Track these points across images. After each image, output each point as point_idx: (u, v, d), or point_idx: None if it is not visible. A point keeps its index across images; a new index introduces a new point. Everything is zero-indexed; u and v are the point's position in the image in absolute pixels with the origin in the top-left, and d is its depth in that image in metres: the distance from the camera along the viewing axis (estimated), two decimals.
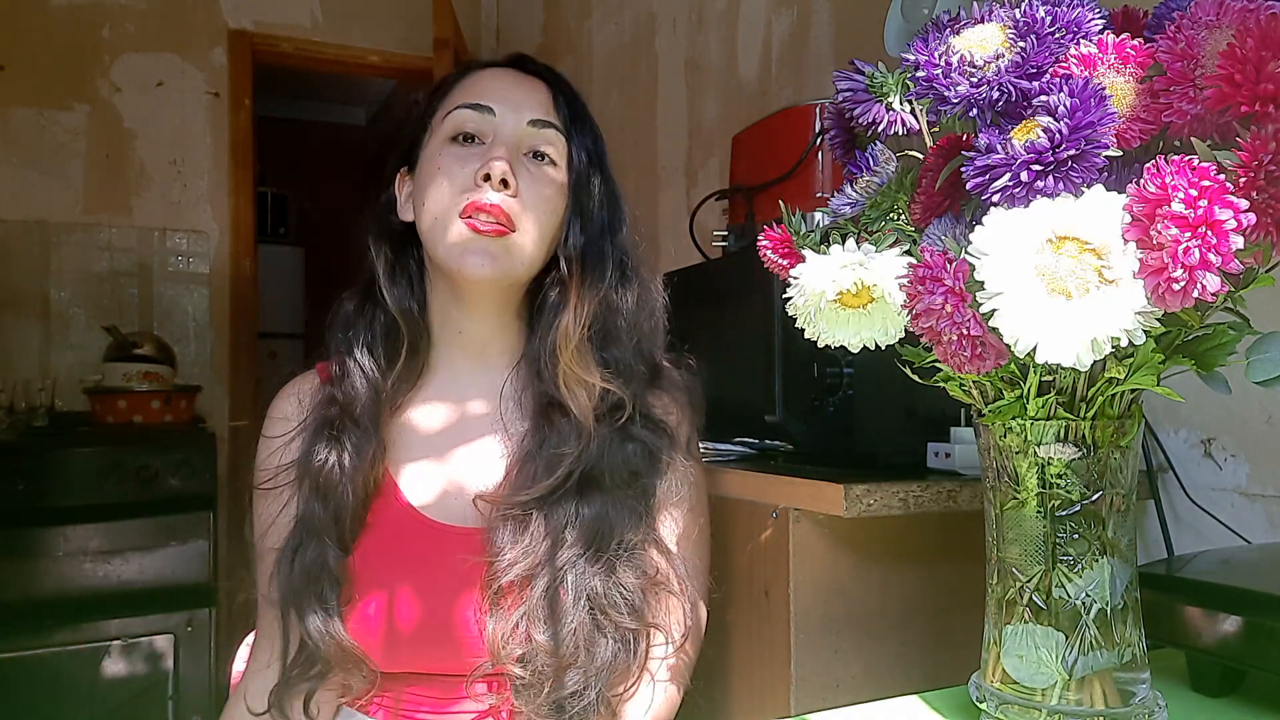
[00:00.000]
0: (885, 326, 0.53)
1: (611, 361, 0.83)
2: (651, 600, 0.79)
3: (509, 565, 0.75)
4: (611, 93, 2.54)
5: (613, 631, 0.75)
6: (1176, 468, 0.99)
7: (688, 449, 0.87)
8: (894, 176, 0.55)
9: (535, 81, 0.86)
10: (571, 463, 0.78)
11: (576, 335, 0.80)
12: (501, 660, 0.73)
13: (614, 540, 0.77)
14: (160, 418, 2.52)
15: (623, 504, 0.79)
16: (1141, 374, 0.47)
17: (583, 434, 0.80)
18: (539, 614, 0.74)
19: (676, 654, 0.82)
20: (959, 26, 0.51)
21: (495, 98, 0.83)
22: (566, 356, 0.80)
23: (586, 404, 0.80)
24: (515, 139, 0.82)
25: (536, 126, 0.82)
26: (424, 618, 0.77)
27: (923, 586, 0.94)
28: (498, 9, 3.48)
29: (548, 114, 0.83)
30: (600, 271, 0.83)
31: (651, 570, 0.79)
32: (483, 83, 0.85)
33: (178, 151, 3.03)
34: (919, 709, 0.62)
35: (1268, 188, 0.38)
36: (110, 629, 2.14)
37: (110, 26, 2.94)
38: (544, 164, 0.83)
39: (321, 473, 0.79)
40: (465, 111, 0.82)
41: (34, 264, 2.85)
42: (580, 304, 0.81)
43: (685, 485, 0.85)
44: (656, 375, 0.88)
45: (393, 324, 0.85)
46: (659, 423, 0.85)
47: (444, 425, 0.86)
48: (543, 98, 0.84)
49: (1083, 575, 0.50)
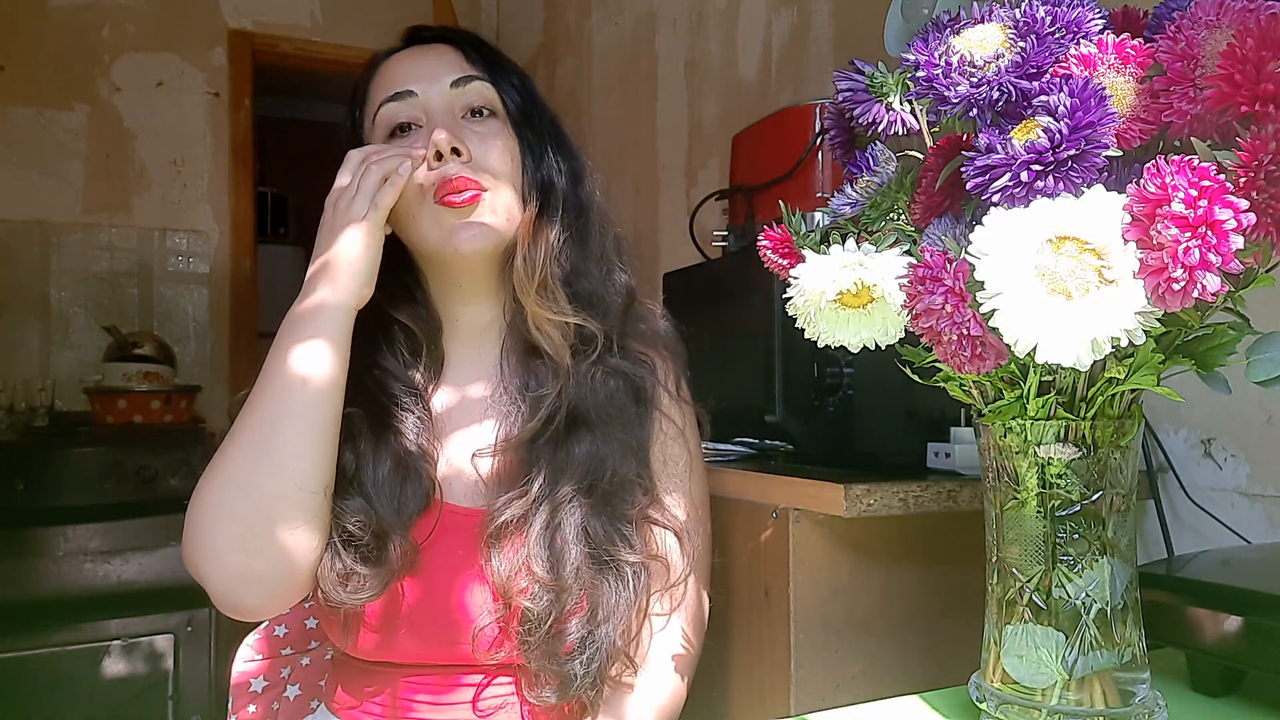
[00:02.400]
0: (885, 326, 0.53)
1: (583, 294, 0.84)
2: (648, 538, 0.80)
3: (504, 505, 0.76)
4: (611, 93, 2.54)
5: (612, 567, 0.76)
6: (1176, 468, 0.99)
7: (677, 390, 0.89)
8: (894, 176, 0.55)
9: (440, 47, 0.86)
10: (552, 402, 0.80)
11: (537, 275, 0.80)
12: (511, 597, 0.74)
13: (606, 475, 0.79)
14: (160, 418, 2.52)
15: (613, 439, 0.81)
16: (1141, 374, 0.47)
17: (559, 373, 0.81)
18: (539, 552, 0.75)
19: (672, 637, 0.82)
20: (959, 26, 0.51)
21: (409, 78, 0.83)
22: (530, 300, 0.80)
23: (560, 342, 0.81)
24: (446, 107, 0.82)
25: (459, 85, 0.82)
26: (426, 605, 0.76)
27: (923, 586, 0.94)
28: (498, 9, 3.48)
29: (464, 70, 0.83)
30: (555, 203, 0.83)
31: (645, 504, 0.80)
32: (392, 70, 0.85)
33: (178, 151, 3.03)
34: (919, 709, 0.62)
35: (1268, 188, 0.38)
36: (110, 629, 2.13)
37: (110, 26, 2.94)
38: (484, 118, 0.83)
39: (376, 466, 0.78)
40: (390, 105, 0.82)
41: (34, 264, 2.85)
42: (535, 240, 0.81)
43: (673, 426, 0.86)
44: (631, 304, 0.89)
45: (404, 329, 0.86)
46: (639, 356, 0.86)
47: (454, 412, 0.86)
48: (453, 58, 0.84)
49: (1083, 575, 0.50)
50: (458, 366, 0.88)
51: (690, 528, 0.83)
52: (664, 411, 0.86)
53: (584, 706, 0.77)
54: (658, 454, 0.85)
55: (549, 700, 0.75)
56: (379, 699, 0.80)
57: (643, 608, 0.78)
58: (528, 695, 0.76)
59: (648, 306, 0.91)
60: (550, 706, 0.76)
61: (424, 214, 0.80)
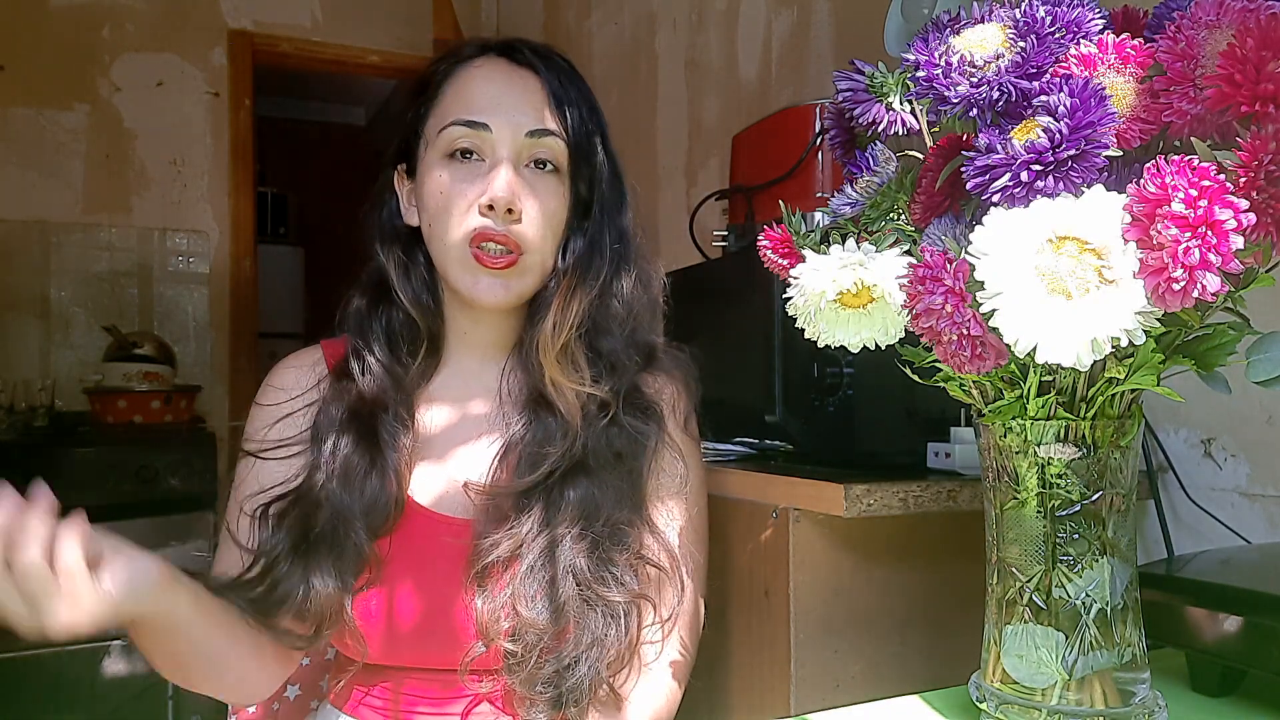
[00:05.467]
0: (885, 326, 0.53)
1: (604, 353, 0.83)
2: (642, 578, 0.80)
3: (491, 545, 0.76)
4: (611, 93, 2.54)
5: (601, 606, 0.76)
6: (1176, 468, 0.99)
7: (685, 426, 0.88)
8: (894, 176, 0.55)
9: (529, 78, 0.81)
10: (555, 460, 0.79)
11: (560, 341, 0.80)
12: (491, 637, 0.74)
13: (600, 519, 0.78)
14: (160, 418, 2.52)
15: (609, 484, 0.80)
16: (1141, 374, 0.47)
17: (569, 433, 0.80)
18: (526, 591, 0.74)
19: (667, 642, 0.82)
20: (959, 26, 0.51)
21: (489, 109, 0.79)
22: (550, 363, 0.80)
23: (574, 403, 0.80)
24: (515, 154, 0.79)
25: (534, 137, 0.79)
26: (421, 609, 0.77)
27: (923, 586, 0.94)
28: (498, 9, 3.48)
29: (543, 120, 0.80)
30: (595, 270, 0.82)
31: (638, 547, 0.80)
32: (474, 87, 0.81)
33: (178, 151, 3.03)
34: (919, 709, 0.62)
35: (1268, 188, 0.38)
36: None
37: (110, 26, 2.94)
38: (545, 171, 0.81)
39: (342, 461, 0.79)
40: (460, 129, 0.79)
41: (34, 264, 2.85)
42: (566, 308, 0.80)
43: (678, 463, 0.85)
44: (651, 361, 0.87)
45: (408, 321, 0.85)
46: (648, 406, 0.85)
47: (447, 420, 0.86)
48: (538, 99, 0.80)
49: (1083, 575, 0.50)
50: (460, 376, 0.87)
51: (684, 556, 0.83)
52: (670, 447, 0.85)
53: None
54: (656, 487, 0.84)
55: (539, 719, 0.75)
56: (383, 697, 0.81)
57: (633, 641, 0.77)
58: (519, 711, 0.76)
59: (662, 351, 0.89)
60: None
61: (455, 252, 0.79)
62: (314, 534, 0.77)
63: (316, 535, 0.76)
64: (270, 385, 0.87)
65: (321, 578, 0.75)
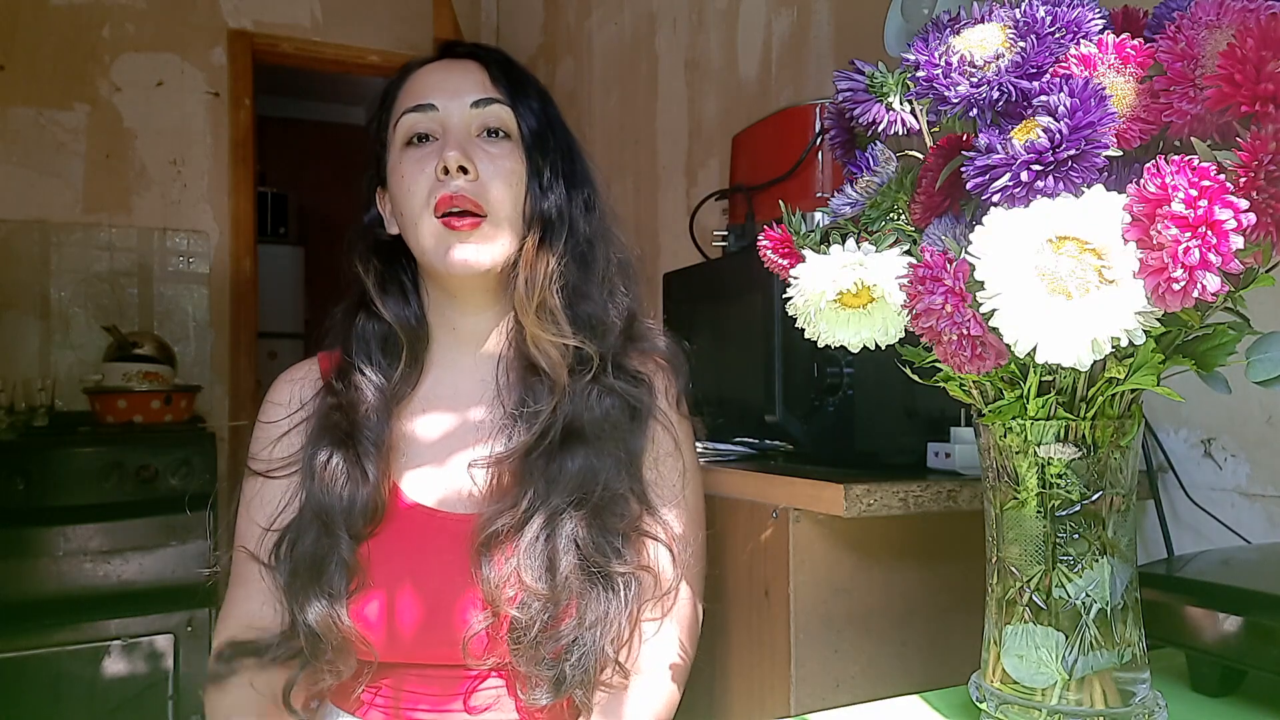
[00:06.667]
0: (885, 326, 0.53)
1: (584, 317, 0.85)
2: (640, 549, 0.81)
3: (494, 515, 0.78)
4: (611, 93, 2.54)
5: (602, 577, 0.77)
6: (1176, 468, 0.99)
7: (676, 405, 0.90)
8: (894, 176, 0.55)
9: (468, 64, 0.88)
10: (547, 418, 0.81)
11: (536, 296, 0.82)
12: (499, 607, 0.75)
13: (599, 488, 0.80)
14: (160, 417, 2.52)
15: (606, 453, 0.82)
16: (1141, 374, 0.47)
17: (555, 389, 0.82)
18: (529, 562, 0.76)
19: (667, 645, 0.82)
20: (959, 26, 0.51)
21: (434, 92, 0.85)
22: (529, 319, 0.82)
23: (558, 360, 0.82)
24: (463, 125, 0.84)
25: (479, 106, 0.85)
26: (423, 607, 0.78)
27: (923, 586, 0.94)
28: (498, 9, 3.48)
29: (486, 91, 0.86)
30: (559, 230, 0.85)
31: (636, 519, 0.81)
32: (420, 81, 0.87)
33: (178, 151, 3.03)
34: (919, 709, 0.62)
35: (1268, 188, 0.38)
36: (110, 629, 2.13)
37: (110, 26, 2.94)
38: (498, 139, 0.85)
39: (326, 472, 0.81)
40: (411, 115, 0.85)
41: (34, 264, 2.85)
42: (536, 263, 0.83)
43: (669, 439, 0.87)
44: (632, 326, 0.90)
45: (389, 332, 0.87)
46: (635, 375, 0.87)
47: (445, 420, 0.87)
48: (479, 78, 0.86)
49: (1083, 575, 0.50)
50: (455, 373, 0.89)
51: (683, 539, 0.84)
52: (661, 423, 0.87)
53: (577, 709, 0.78)
54: (652, 465, 0.86)
55: (541, 702, 0.76)
56: (383, 693, 0.82)
57: (634, 615, 0.79)
58: (521, 696, 0.77)
59: (648, 325, 0.93)
60: (543, 707, 0.77)
61: (425, 225, 0.82)
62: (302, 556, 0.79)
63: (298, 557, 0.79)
64: (270, 401, 0.90)
65: (314, 605, 0.77)
